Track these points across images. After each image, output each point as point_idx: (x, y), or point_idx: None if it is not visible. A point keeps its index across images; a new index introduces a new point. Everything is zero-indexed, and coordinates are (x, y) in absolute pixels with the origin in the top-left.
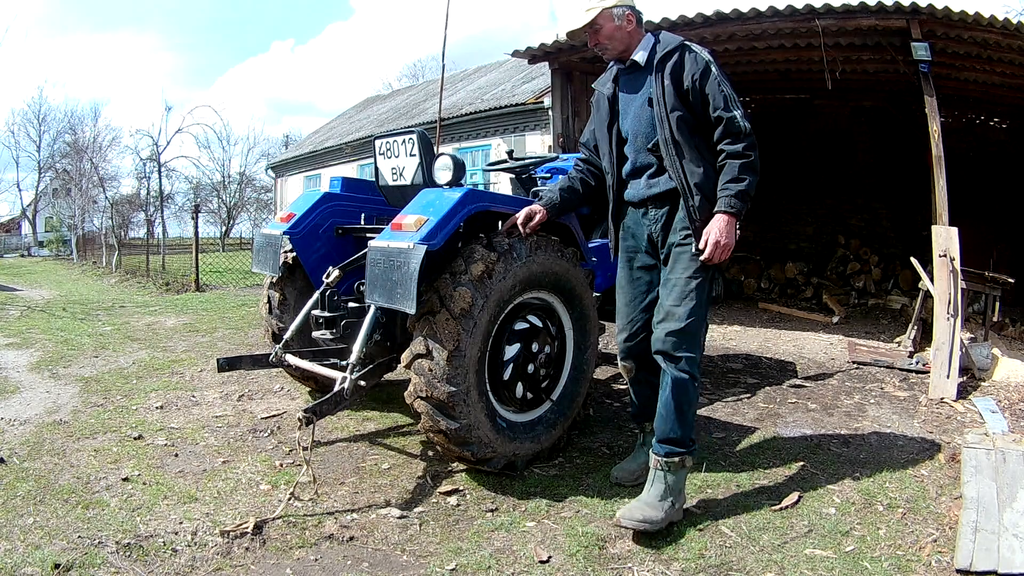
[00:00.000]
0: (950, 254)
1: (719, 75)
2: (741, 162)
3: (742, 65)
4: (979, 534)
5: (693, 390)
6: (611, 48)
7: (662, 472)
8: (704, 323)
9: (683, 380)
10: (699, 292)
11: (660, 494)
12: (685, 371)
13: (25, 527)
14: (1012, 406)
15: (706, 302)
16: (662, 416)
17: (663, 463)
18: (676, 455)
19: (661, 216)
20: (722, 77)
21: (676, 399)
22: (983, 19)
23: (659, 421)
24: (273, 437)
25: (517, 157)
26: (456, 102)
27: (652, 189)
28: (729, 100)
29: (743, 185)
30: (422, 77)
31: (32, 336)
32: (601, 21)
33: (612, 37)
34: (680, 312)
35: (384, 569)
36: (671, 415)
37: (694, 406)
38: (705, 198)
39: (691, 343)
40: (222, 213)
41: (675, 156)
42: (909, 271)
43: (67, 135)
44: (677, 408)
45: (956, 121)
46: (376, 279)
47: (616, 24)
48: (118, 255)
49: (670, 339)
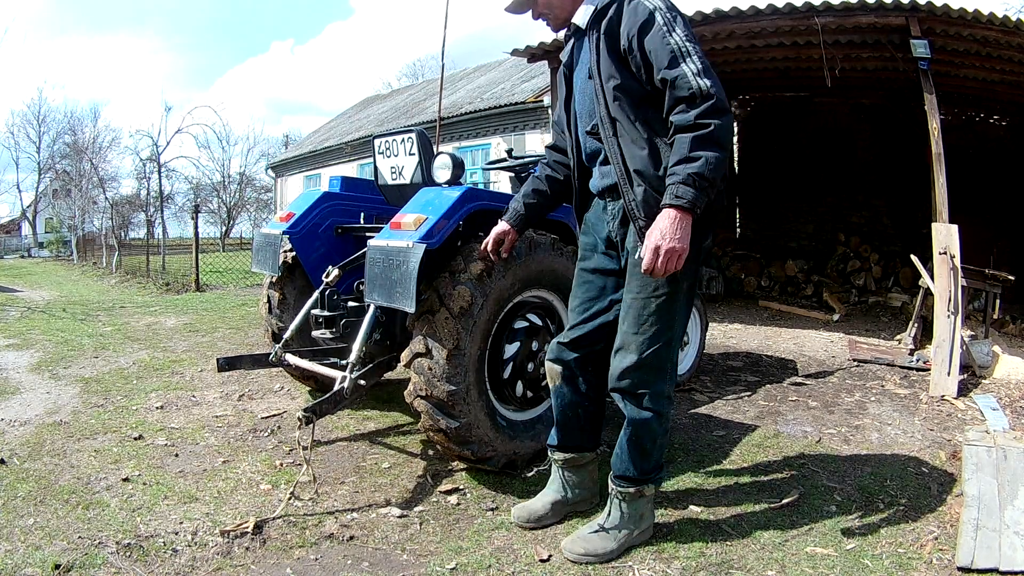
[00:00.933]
0: (950, 251)
1: (667, 22)
2: (694, 135)
3: (741, 63)
4: (980, 532)
5: (660, 426)
6: (554, 15)
7: (618, 501)
8: (673, 348)
9: (646, 419)
10: (662, 314)
11: (615, 523)
12: (649, 409)
13: (25, 528)
14: (1013, 403)
15: (676, 321)
16: (619, 455)
17: (618, 493)
18: (633, 486)
19: (618, 212)
20: (671, 25)
21: (637, 439)
22: (982, 16)
23: (616, 458)
24: (273, 437)
25: (517, 156)
26: (456, 101)
27: (604, 179)
28: (678, 53)
29: (695, 166)
30: (422, 76)
31: (32, 337)
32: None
33: (551, 4)
34: (637, 342)
35: (384, 568)
36: (629, 455)
37: (662, 439)
38: (651, 188)
39: (655, 376)
40: (222, 213)
41: (611, 136)
42: (909, 269)
43: (67, 136)
44: (637, 448)
45: (956, 118)
46: (375, 278)
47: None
48: (118, 256)
49: (627, 377)
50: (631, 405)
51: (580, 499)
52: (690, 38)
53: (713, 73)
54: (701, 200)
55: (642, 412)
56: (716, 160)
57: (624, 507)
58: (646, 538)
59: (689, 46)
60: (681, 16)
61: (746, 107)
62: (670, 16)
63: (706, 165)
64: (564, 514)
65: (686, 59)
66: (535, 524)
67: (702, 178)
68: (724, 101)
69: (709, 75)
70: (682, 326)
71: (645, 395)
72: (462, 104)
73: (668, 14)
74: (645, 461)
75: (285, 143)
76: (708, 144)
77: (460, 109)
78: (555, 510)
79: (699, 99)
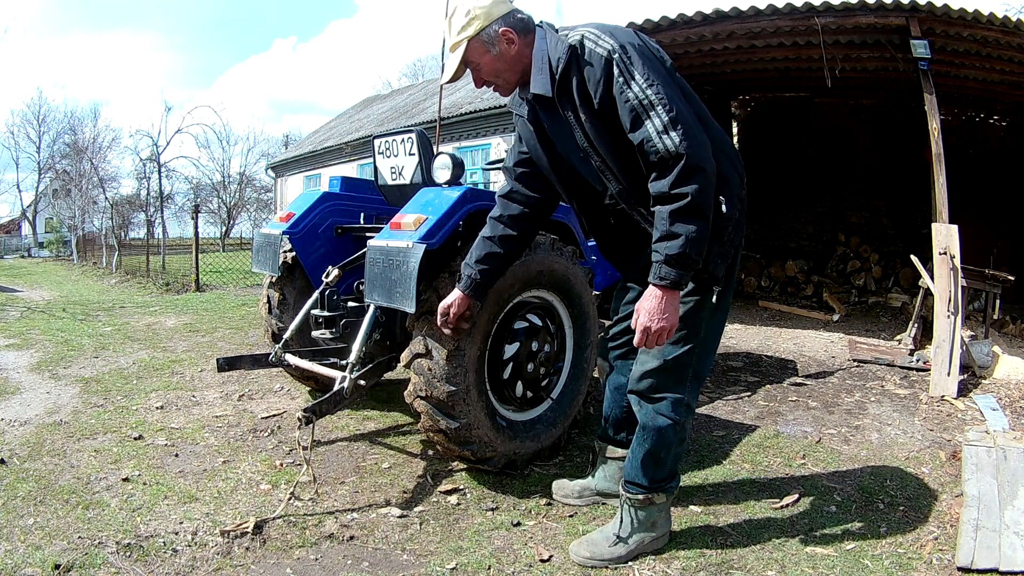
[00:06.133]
0: (950, 252)
1: (624, 70)
2: (671, 209)
3: (742, 63)
4: (980, 532)
5: (675, 434)
6: (503, 82)
7: (628, 507)
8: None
9: (661, 427)
10: (688, 320)
11: (627, 529)
12: (666, 416)
13: (25, 528)
14: (1013, 404)
15: (704, 330)
16: (631, 461)
17: (627, 499)
18: (642, 493)
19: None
20: (628, 73)
21: (651, 446)
22: (982, 17)
23: (628, 463)
24: (273, 437)
25: None
26: (456, 101)
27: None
28: (639, 110)
29: (677, 245)
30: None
31: (32, 337)
32: (474, 57)
33: (497, 71)
34: (661, 347)
35: (384, 568)
36: (641, 462)
37: (677, 448)
38: None
39: (674, 381)
40: (222, 213)
41: (636, 207)
42: (909, 269)
43: (67, 136)
44: (650, 455)
45: (956, 119)
46: (375, 278)
47: (493, 54)
48: (118, 256)
49: (647, 380)
50: (647, 409)
51: (608, 491)
52: (650, 80)
53: (684, 114)
54: (685, 277)
55: (658, 418)
56: (696, 233)
57: (635, 513)
58: (659, 546)
59: (650, 94)
60: (637, 51)
61: (746, 107)
62: (626, 60)
63: (686, 244)
64: (592, 501)
65: (648, 114)
66: (560, 497)
67: (683, 257)
68: (697, 154)
69: (677, 124)
70: (713, 338)
71: (662, 400)
72: (462, 104)
73: (624, 57)
74: (657, 470)
75: (285, 143)
76: (687, 217)
77: (460, 109)
78: (582, 494)
79: (670, 162)
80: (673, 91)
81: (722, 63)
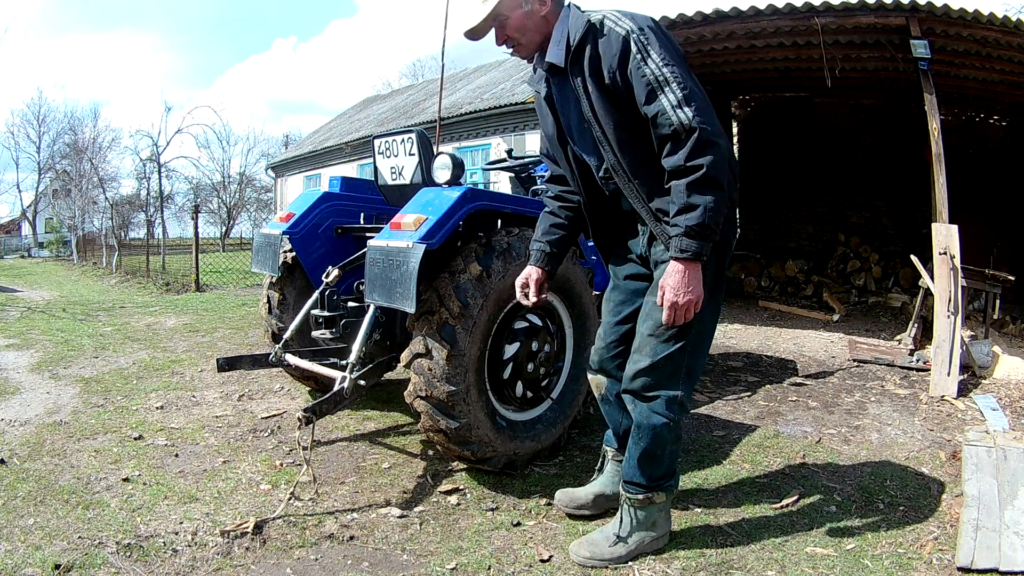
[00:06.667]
0: (950, 252)
1: (641, 48)
2: (687, 181)
3: (742, 63)
4: (980, 532)
5: (670, 432)
6: (525, 42)
7: (628, 507)
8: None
9: (655, 425)
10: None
11: (628, 529)
12: (661, 414)
13: (25, 528)
14: (1013, 404)
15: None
16: (628, 460)
17: (627, 499)
18: (642, 493)
19: (645, 231)
20: (645, 51)
21: (646, 445)
22: (982, 17)
23: (625, 463)
24: (273, 437)
25: (516, 156)
26: (456, 101)
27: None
28: (655, 84)
29: (694, 217)
30: (422, 76)
31: (32, 337)
32: (505, 10)
33: (523, 28)
34: (652, 344)
35: (384, 568)
36: (638, 461)
37: (672, 446)
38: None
39: (667, 380)
40: (222, 213)
41: (628, 181)
42: (909, 269)
43: (67, 136)
44: (646, 453)
45: (956, 119)
46: (375, 278)
47: (525, 10)
48: (118, 256)
49: (640, 379)
50: (641, 408)
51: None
52: (667, 60)
53: (697, 94)
54: (706, 247)
55: (652, 417)
56: (714, 203)
57: (635, 513)
58: (660, 546)
59: (666, 72)
60: (656, 33)
61: (746, 107)
62: (643, 40)
63: (705, 213)
64: (605, 508)
65: (663, 89)
66: (573, 509)
67: (703, 227)
68: (710, 129)
69: (691, 101)
70: (706, 334)
71: (656, 399)
72: (462, 104)
73: (641, 37)
74: (655, 468)
75: (285, 143)
76: (703, 188)
77: (460, 109)
78: (596, 503)
79: (683, 135)
80: (687, 72)
81: (722, 63)
